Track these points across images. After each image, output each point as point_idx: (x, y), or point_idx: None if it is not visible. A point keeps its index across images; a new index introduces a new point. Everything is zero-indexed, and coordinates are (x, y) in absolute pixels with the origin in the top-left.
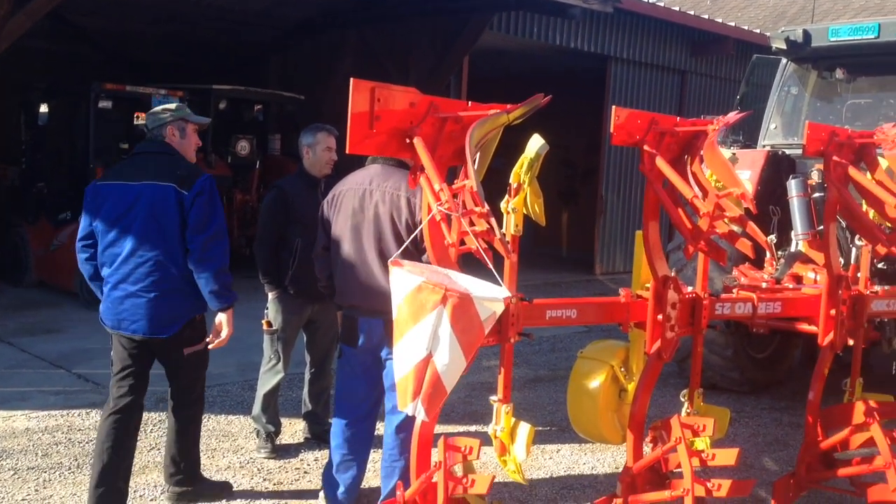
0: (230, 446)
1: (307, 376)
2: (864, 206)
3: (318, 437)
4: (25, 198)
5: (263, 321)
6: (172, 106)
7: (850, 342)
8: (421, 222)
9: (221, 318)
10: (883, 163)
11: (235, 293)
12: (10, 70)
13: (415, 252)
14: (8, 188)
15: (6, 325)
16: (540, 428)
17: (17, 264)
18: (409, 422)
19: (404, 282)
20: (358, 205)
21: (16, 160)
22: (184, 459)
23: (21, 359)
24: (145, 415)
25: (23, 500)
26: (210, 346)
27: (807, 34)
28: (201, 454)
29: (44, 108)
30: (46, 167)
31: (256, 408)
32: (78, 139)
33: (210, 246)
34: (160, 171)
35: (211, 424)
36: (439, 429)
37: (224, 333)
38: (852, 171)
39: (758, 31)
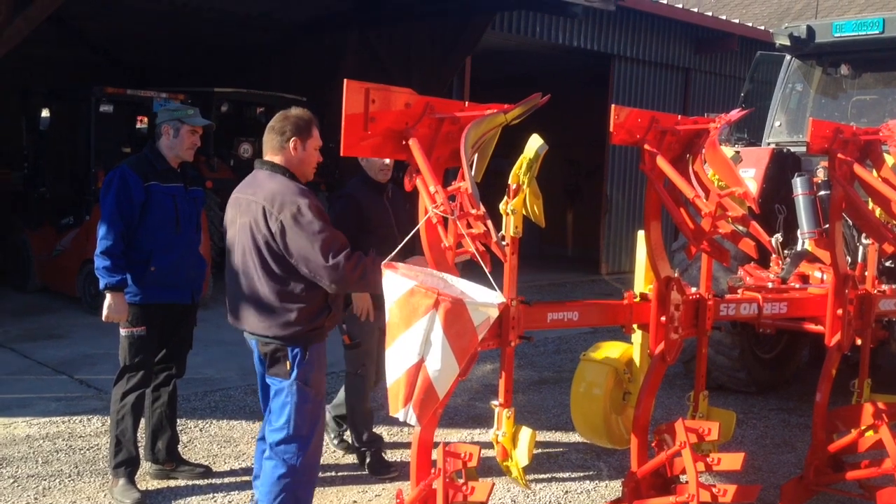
0: (231, 452)
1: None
2: (871, 204)
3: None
4: (28, 203)
5: (343, 336)
6: (173, 107)
7: (858, 342)
8: (281, 234)
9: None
10: (889, 160)
11: (110, 276)
12: (11, 75)
13: (278, 269)
14: (10, 193)
15: (9, 332)
16: (544, 431)
17: (20, 270)
18: (292, 467)
19: (396, 285)
20: (232, 215)
21: (18, 165)
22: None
23: (23, 365)
24: None
25: None
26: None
27: (811, 30)
28: (203, 461)
29: (45, 113)
30: (48, 172)
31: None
32: (79, 143)
33: (98, 229)
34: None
35: (213, 430)
36: (442, 433)
37: (103, 313)
38: (858, 169)
39: (762, 27)
